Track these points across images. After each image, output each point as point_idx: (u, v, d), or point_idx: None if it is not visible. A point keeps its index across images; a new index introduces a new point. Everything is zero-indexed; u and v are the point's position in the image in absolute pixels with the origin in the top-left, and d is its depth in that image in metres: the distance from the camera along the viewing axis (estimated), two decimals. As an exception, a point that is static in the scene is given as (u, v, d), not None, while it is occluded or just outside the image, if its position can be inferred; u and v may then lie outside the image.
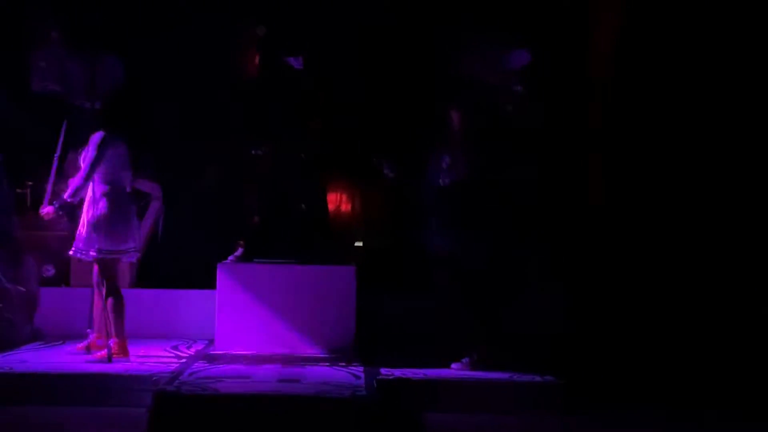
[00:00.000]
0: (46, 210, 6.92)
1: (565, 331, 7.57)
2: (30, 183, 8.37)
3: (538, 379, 6.55)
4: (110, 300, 6.88)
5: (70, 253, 6.97)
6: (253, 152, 8.04)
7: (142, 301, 8.07)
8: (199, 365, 6.91)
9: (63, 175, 7.27)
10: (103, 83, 7.66)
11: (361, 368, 6.88)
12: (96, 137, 6.89)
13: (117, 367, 6.71)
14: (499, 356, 6.79)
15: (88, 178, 6.84)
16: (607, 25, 7.84)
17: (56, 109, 8.31)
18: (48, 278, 8.13)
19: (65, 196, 6.91)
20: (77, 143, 7.14)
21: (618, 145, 7.74)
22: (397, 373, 6.67)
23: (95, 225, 6.82)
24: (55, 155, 7.14)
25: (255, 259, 7.78)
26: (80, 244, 6.88)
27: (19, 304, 7.55)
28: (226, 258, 7.78)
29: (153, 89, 8.33)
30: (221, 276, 7.60)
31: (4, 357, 7.02)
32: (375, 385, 6.36)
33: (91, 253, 6.84)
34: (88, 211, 6.86)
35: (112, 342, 6.86)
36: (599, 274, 7.86)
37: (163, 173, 8.48)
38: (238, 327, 7.54)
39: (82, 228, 6.88)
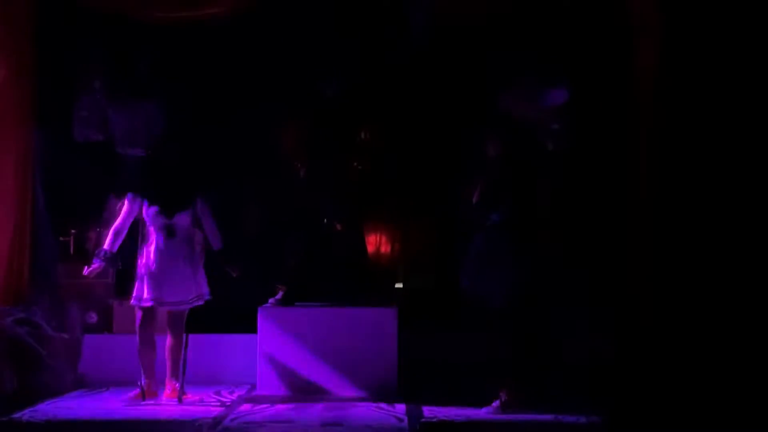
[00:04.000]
0: (92, 268, 7.07)
1: (610, 365, 7.45)
2: (73, 231, 8.45)
3: (583, 420, 6.46)
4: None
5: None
6: (293, 194, 8.05)
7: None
8: (242, 410, 6.91)
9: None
10: (145, 133, 7.74)
11: (404, 410, 6.84)
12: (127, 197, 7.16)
13: (160, 412, 6.72)
14: (534, 396, 6.71)
15: (120, 230, 7.11)
16: (649, 50, 7.71)
17: (99, 157, 8.42)
18: (91, 325, 8.16)
19: (105, 246, 7.10)
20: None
21: (664, 174, 7.59)
22: (441, 414, 6.61)
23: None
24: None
25: (296, 302, 7.79)
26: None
27: (62, 351, 7.59)
28: (266, 302, 7.79)
29: (193, 132, 8.38)
30: (262, 320, 7.61)
31: (49, 404, 7.05)
32: (418, 427, 6.31)
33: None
34: None
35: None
36: (646, 307, 7.68)
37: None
38: (279, 371, 7.53)
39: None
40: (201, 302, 7.20)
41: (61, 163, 8.24)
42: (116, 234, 7.11)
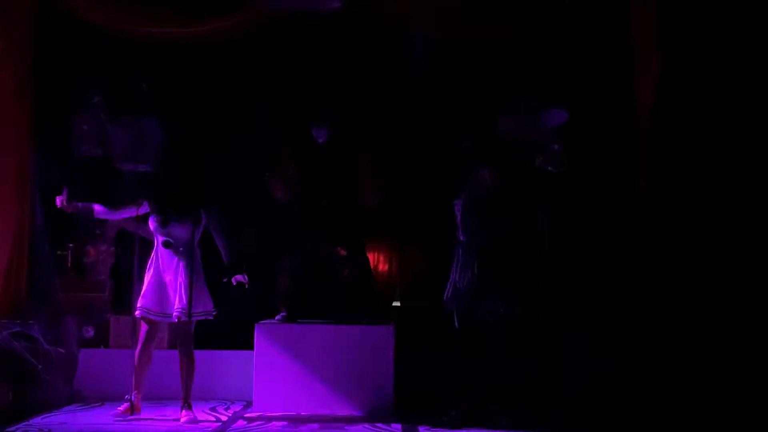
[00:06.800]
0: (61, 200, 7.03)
1: (611, 394, 7.43)
2: (71, 245, 8.45)
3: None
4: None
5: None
6: (293, 212, 8.04)
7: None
8: (237, 426, 6.89)
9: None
10: (148, 148, 7.76)
11: (400, 428, 6.83)
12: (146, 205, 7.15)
13: (157, 428, 6.70)
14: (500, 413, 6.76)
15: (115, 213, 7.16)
16: (649, 77, 7.75)
17: (98, 171, 8.43)
18: (87, 340, 8.16)
19: (80, 204, 7.11)
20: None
21: (665, 201, 7.61)
22: (436, 434, 6.63)
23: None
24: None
25: (297, 320, 7.79)
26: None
27: (58, 365, 7.58)
28: (264, 318, 7.78)
29: (193, 148, 8.38)
30: (259, 336, 7.60)
31: (44, 419, 7.04)
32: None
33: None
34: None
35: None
36: (647, 335, 7.66)
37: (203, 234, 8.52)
38: (276, 388, 7.51)
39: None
40: (209, 317, 7.17)
41: (59, 178, 8.24)
42: (109, 210, 7.14)
